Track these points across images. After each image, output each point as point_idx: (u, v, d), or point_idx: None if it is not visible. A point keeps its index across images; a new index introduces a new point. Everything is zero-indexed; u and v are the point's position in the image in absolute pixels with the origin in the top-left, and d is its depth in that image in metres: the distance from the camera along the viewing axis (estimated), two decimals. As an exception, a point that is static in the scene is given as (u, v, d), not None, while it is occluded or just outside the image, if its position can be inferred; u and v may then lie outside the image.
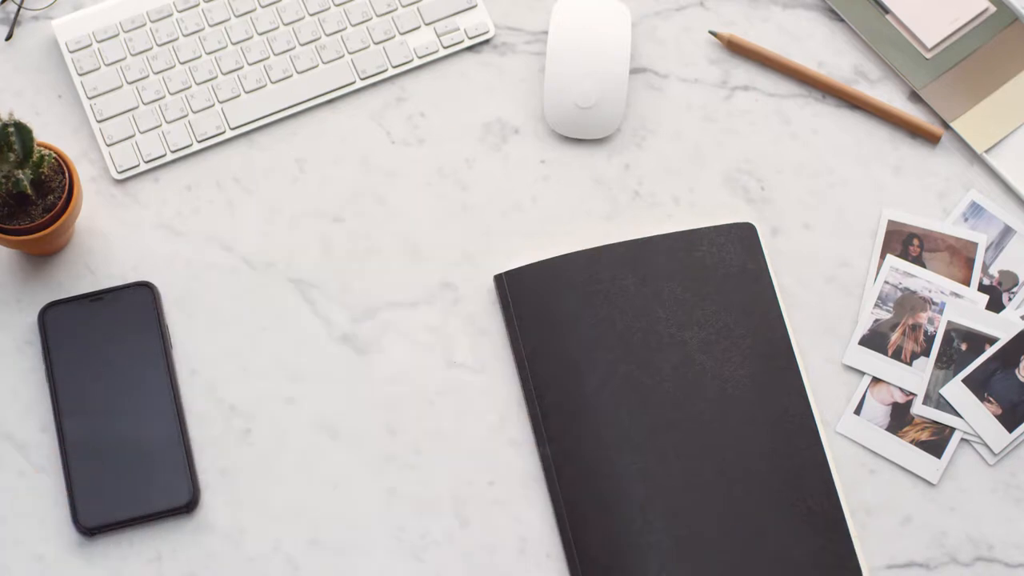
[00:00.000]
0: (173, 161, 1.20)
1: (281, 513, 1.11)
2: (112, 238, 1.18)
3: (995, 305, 1.16)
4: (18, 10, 1.23)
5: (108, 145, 1.19)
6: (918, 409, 1.14)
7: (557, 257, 1.14)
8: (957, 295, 1.16)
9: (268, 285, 1.17)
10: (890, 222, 1.18)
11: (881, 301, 1.16)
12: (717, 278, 1.13)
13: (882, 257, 1.17)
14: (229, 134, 1.20)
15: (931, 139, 1.21)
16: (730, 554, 1.07)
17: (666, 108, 1.22)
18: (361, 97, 1.22)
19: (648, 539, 1.07)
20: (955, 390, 1.14)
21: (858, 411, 1.14)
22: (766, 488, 1.08)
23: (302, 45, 1.22)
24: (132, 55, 1.21)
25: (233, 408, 1.13)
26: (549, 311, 1.12)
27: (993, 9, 1.23)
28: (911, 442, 1.13)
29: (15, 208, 1.10)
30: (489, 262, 1.18)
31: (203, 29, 1.22)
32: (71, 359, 1.13)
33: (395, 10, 1.23)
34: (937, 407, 1.14)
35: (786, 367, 1.12)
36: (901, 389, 1.14)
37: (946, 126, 1.21)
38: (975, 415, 1.13)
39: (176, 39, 1.21)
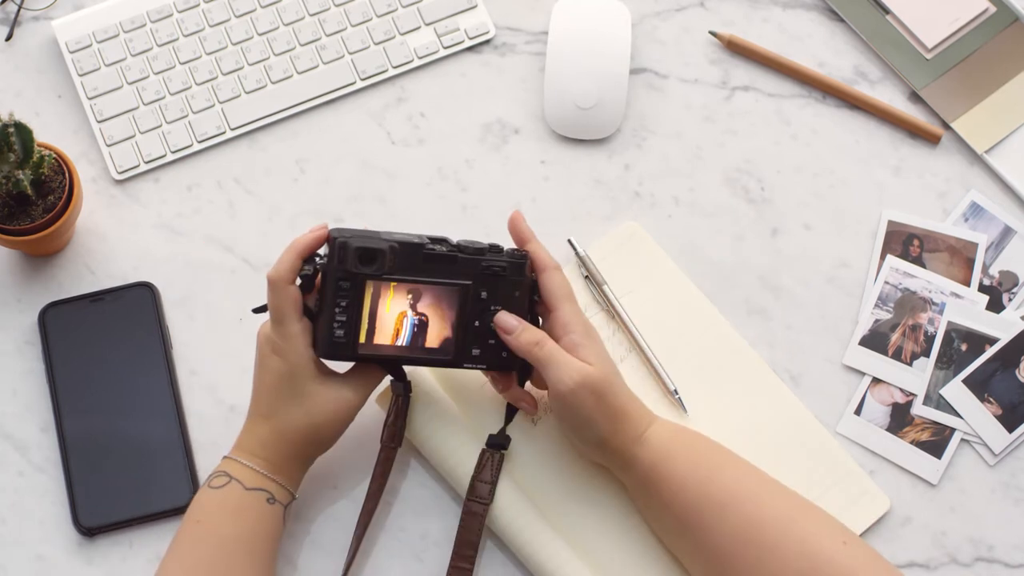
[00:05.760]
0: (173, 161, 1.20)
1: (281, 513, 1.11)
2: (112, 238, 1.18)
3: (995, 305, 1.16)
4: (18, 10, 1.23)
5: (108, 145, 1.19)
6: (918, 409, 1.14)
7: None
8: (957, 295, 1.16)
9: (268, 285, 1.16)
10: (890, 222, 1.18)
11: (881, 301, 1.16)
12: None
13: (882, 257, 1.17)
14: (229, 134, 1.20)
15: (931, 139, 1.21)
16: None
17: (666, 108, 1.22)
18: (361, 97, 1.22)
19: None
20: (955, 390, 1.14)
21: (858, 411, 1.14)
22: None
23: (302, 45, 1.22)
24: (132, 55, 1.21)
25: (233, 408, 1.13)
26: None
27: (993, 9, 1.23)
28: (911, 442, 1.13)
29: (15, 208, 1.10)
30: (489, 262, 1.18)
31: (203, 29, 1.22)
32: (71, 359, 1.13)
33: (395, 10, 1.23)
34: (937, 407, 1.14)
35: None
36: (901, 389, 1.14)
37: (946, 126, 1.21)
38: (975, 415, 1.13)
39: (176, 39, 1.21)
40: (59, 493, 1.11)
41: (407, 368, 1.08)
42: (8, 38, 1.23)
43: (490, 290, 1.03)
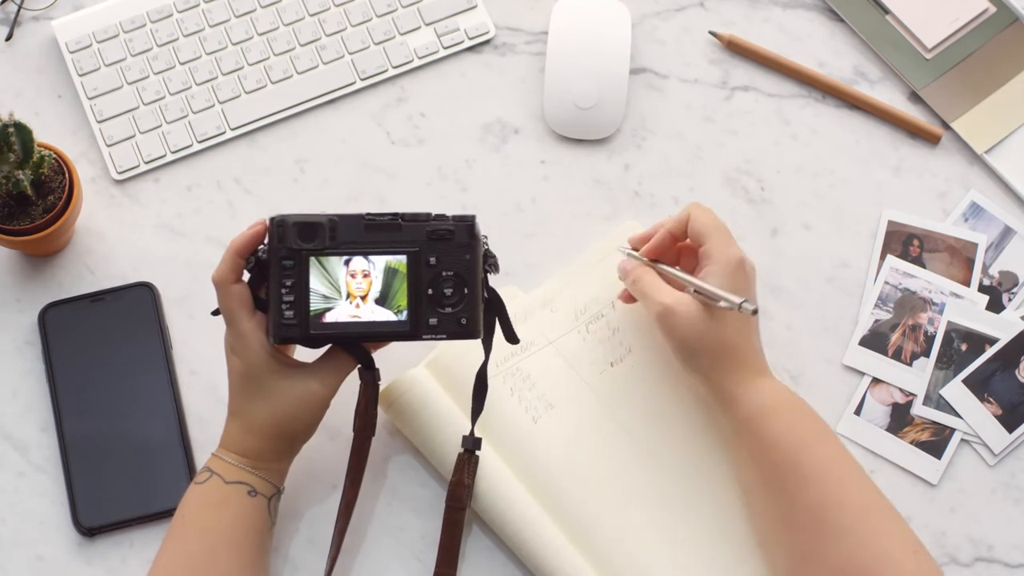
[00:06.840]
0: (173, 161, 1.20)
1: (280, 513, 1.10)
2: (112, 238, 1.18)
3: (995, 305, 1.16)
4: (18, 10, 1.23)
5: (108, 145, 1.19)
6: (918, 409, 1.14)
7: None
8: (957, 295, 1.16)
9: (268, 285, 1.16)
10: (890, 222, 1.18)
11: (881, 301, 1.16)
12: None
13: (882, 257, 1.17)
14: (229, 134, 1.20)
15: (931, 139, 1.21)
16: None
17: (666, 108, 1.22)
18: (361, 97, 1.22)
19: None
20: (955, 390, 1.14)
21: (858, 411, 1.14)
22: None
23: (302, 46, 1.22)
24: (132, 55, 1.21)
25: (233, 408, 1.13)
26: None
27: (993, 9, 1.23)
28: (911, 442, 1.13)
29: (15, 208, 1.10)
30: (489, 262, 1.18)
31: (203, 30, 1.22)
32: (71, 359, 1.13)
33: (395, 10, 1.23)
34: (937, 407, 1.14)
35: None
36: (901, 389, 1.14)
37: (946, 126, 1.21)
38: (975, 415, 1.13)
39: (176, 39, 1.21)
40: (59, 493, 1.11)
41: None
42: (8, 38, 1.23)
43: (439, 255, 1.00)
